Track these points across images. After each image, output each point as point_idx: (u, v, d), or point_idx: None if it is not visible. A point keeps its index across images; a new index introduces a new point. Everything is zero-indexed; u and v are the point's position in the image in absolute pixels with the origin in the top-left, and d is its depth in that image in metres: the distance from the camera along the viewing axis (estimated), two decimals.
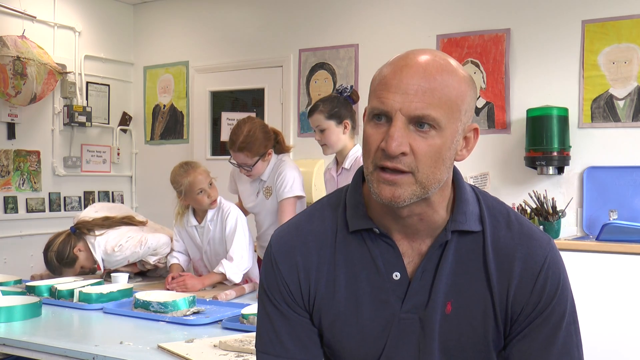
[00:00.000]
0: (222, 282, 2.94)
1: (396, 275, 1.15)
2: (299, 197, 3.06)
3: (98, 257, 3.06)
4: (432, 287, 1.14)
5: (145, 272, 3.30)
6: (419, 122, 1.04)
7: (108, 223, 3.17)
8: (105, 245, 3.07)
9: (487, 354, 1.16)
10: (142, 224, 3.28)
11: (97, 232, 3.09)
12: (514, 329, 1.15)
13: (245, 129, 2.97)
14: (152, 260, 3.13)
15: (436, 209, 1.13)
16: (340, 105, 3.00)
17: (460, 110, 1.07)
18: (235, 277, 2.88)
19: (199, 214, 3.04)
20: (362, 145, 1.12)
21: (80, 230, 3.10)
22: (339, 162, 3.08)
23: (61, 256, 3.02)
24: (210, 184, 2.94)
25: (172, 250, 3.14)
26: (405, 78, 1.05)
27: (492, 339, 1.15)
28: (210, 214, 3.00)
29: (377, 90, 1.08)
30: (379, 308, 1.16)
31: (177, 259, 3.09)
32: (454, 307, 1.14)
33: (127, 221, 3.25)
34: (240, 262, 2.90)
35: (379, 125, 1.07)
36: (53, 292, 2.58)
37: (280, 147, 3.16)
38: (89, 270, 3.42)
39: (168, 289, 2.79)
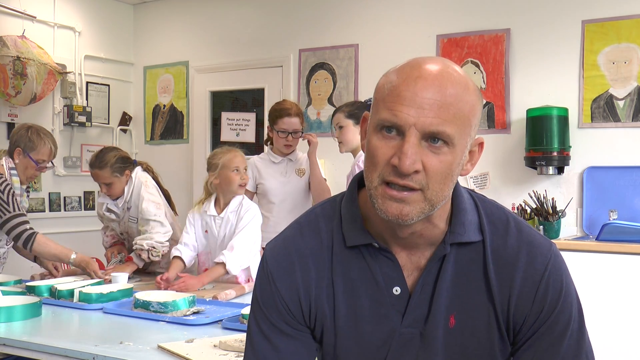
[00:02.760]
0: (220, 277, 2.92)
1: (396, 290, 1.13)
2: None
3: (131, 188, 3.21)
4: (432, 300, 1.12)
5: (144, 270, 3.30)
6: (432, 138, 1.01)
7: (158, 182, 3.37)
8: (141, 176, 3.25)
9: None
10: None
11: (146, 176, 3.27)
12: (518, 339, 1.13)
13: (289, 101, 3.63)
14: (145, 244, 3.10)
15: (436, 224, 1.11)
16: (361, 108, 3.35)
17: (471, 125, 1.04)
18: (234, 268, 2.85)
19: (220, 205, 3.04)
20: (367, 157, 1.06)
21: (142, 166, 3.32)
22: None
23: (121, 161, 3.19)
24: (245, 170, 3.06)
25: (171, 241, 3.17)
26: (420, 91, 1.00)
27: (498, 349, 1.13)
28: (233, 204, 3.00)
29: (388, 100, 1.03)
30: (379, 323, 1.13)
31: (180, 252, 2.99)
32: (457, 320, 1.12)
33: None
34: (241, 253, 2.86)
35: (388, 138, 1.02)
36: (53, 292, 2.58)
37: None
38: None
39: (159, 287, 2.78)
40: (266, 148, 3.80)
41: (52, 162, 3.19)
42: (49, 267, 3.18)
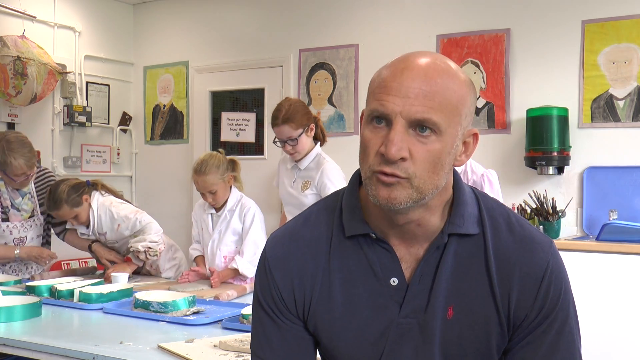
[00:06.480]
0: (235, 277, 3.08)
1: (394, 281, 1.14)
2: None
3: (94, 215, 3.14)
4: (431, 291, 1.12)
5: (140, 271, 3.30)
6: (419, 126, 1.03)
7: (117, 195, 3.31)
8: (104, 201, 3.18)
9: (489, 358, 1.14)
10: None
11: (104, 193, 3.23)
12: (516, 335, 1.13)
13: (286, 104, 3.13)
14: (140, 246, 3.10)
15: (434, 214, 1.12)
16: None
17: (460, 114, 1.06)
18: (248, 271, 3.01)
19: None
20: (360, 149, 1.09)
21: (94, 186, 3.22)
22: None
23: (73, 192, 3.09)
24: (215, 192, 3.04)
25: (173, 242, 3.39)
26: (405, 81, 1.03)
27: (496, 343, 1.13)
28: (230, 203, 3.12)
29: (377, 92, 1.06)
30: (377, 313, 1.14)
31: (197, 250, 3.25)
32: (455, 311, 1.12)
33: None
34: (252, 257, 3.01)
35: (378, 128, 1.05)
36: (53, 292, 2.58)
37: (319, 131, 3.25)
38: (89, 271, 3.43)
39: (186, 281, 3.00)
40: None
41: (38, 164, 3.18)
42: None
